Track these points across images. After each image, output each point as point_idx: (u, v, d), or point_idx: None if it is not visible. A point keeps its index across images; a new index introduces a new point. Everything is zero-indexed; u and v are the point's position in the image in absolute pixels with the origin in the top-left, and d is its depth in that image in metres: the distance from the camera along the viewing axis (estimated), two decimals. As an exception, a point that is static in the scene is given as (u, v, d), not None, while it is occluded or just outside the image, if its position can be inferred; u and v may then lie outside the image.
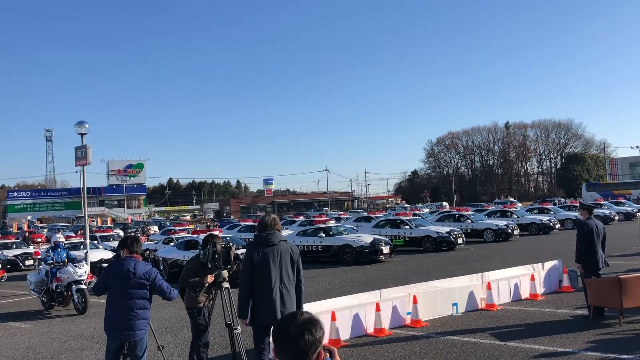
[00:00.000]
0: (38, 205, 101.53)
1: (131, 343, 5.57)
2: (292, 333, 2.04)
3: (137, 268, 5.63)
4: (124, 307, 5.55)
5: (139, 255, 5.80)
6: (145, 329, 5.67)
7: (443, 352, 7.48)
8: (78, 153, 17.30)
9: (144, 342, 5.68)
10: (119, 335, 5.57)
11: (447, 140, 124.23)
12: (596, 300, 8.81)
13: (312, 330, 2.04)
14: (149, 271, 5.68)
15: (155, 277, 5.66)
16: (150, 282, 5.60)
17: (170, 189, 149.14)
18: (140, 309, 5.58)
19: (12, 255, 24.31)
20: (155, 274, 5.70)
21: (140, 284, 5.57)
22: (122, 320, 5.55)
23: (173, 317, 11.07)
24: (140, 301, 5.60)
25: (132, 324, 5.54)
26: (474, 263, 17.70)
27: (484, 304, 10.30)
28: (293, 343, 2.02)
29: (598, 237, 9.17)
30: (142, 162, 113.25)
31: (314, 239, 20.80)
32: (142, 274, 5.61)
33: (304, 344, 2.02)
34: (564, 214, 33.82)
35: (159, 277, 5.70)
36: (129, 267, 5.61)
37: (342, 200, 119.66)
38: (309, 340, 2.03)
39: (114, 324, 5.59)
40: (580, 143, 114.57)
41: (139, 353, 5.61)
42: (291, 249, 5.66)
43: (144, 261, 5.76)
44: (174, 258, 17.23)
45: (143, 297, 5.60)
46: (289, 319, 2.10)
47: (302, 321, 2.07)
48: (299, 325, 2.05)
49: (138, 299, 5.58)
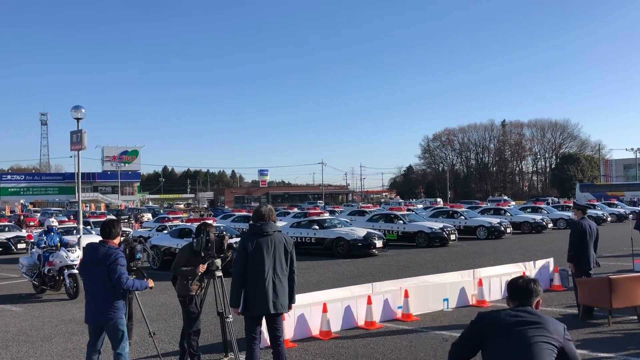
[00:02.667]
0: (31, 189, 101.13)
1: (105, 328, 5.60)
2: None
3: (100, 253, 5.56)
4: (91, 292, 5.60)
5: (112, 241, 5.70)
6: (116, 315, 5.54)
7: (433, 346, 7.53)
8: (73, 138, 17.23)
9: (117, 328, 5.57)
10: (91, 320, 5.62)
11: (443, 136, 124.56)
12: (586, 299, 8.87)
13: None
14: (107, 254, 5.54)
15: (113, 261, 5.49)
16: (107, 266, 5.49)
17: (164, 177, 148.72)
18: (106, 295, 5.50)
19: (4, 238, 24.22)
20: (114, 257, 5.51)
21: (102, 269, 5.49)
22: (92, 305, 5.58)
23: (164, 305, 11.09)
24: (105, 286, 5.49)
25: (100, 309, 5.53)
26: (466, 259, 17.77)
27: (475, 300, 10.36)
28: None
29: (591, 237, 9.23)
30: (137, 149, 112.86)
31: (308, 231, 20.83)
32: (103, 258, 5.52)
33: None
34: (557, 214, 33.99)
35: (117, 262, 5.50)
36: (96, 252, 5.60)
37: (336, 193, 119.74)
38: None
39: (87, 309, 5.63)
40: (576, 144, 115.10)
41: (114, 339, 5.59)
42: (285, 239, 5.66)
43: (117, 247, 5.66)
44: (167, 246, 17.20)
45: (108, 281, 5.49)
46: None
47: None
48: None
49: (103, 283, 5.49)
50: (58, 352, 7.77)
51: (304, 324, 8.07)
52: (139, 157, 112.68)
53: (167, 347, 7.73)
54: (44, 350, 7.86)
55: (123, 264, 5.55)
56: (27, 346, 8.14)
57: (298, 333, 7.97)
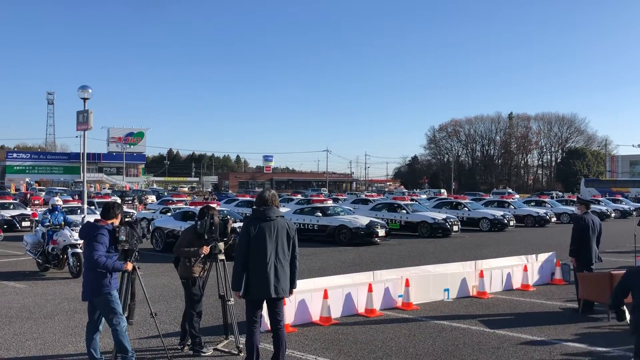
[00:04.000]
0: (37, 168, 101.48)
1: (95, 303, 5.81)
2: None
3: (85, 230, 5.90)
4: (85, 268, 5.85)
5: (106, 221, 5.93)
6: (103, 290, 5.68)
7: (432, 335, 7.57)
8: (80, 117, 17.27)
9: (105, 303, 5.72)
10: (83, 295, 5.86)
11: (449, 127, 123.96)
12: (587, 294, 8.89)
13: None
14: (89, 232, 5.79)
15: (91, 238, 5.69)
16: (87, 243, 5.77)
17: (169, 159, 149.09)
18: (92, 270, 5.71)
19: (9, 216, 24.34)
20: (93, 234, 5.70)
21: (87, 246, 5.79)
22: (84, 281, 5.85)
23: (166, 286, 11.16)
24: (89, 263, 5.74)
25: (88, 285, 5.77)
26: (468, 251, 17.80)
27: (476, 291, 10.38)
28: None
29: (594, 232, 9.23)
30: (143, 131, 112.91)
31: (311, 218, 20.88)
32: (86, 235, 5.82)
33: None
34: (561, 208, 33.94)
35: (94, 239, 5.66)
36: (83, 230, 5.99)
37: (340, 181, 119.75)
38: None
39: (83, 285, 5.88)
40: (582, 138, 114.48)
41: (104, 314, 5.77)
42: (288, 225, 5.68)
43: (104, 226, 5.82)
44: (170, 228, 17.28)
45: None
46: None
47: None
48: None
49: (87, 260, 5.75)
50: (60, 329, 7.85)
51: (304, 310, 8.11)
52: (144, 139, 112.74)
53: (168, 328, 7.80)
54: (47, 327, 7.94)
55: (101, 241, 5.68)
56: (30, 323, 8.22)
57: (298, 318, 8.01)
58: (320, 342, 7.19)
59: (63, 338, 7.39)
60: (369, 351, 6.82)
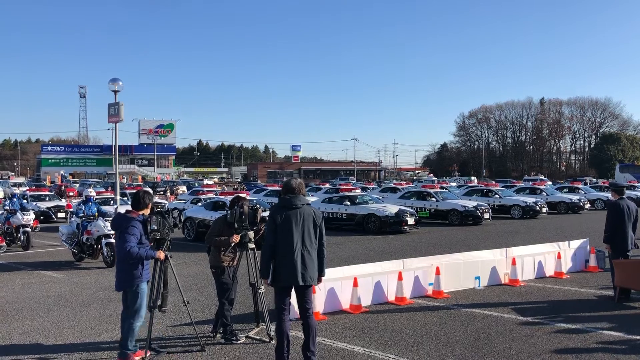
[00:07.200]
0: (71, 160, 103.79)
1: (125, 293, 5.94)
2: None
3: (117, 221, 5.95)
4: (118, 259, 5.95)
5: (137, 212, 6.00)
6: (133, 282, 5.82)
7: (464, 323, 7.51)
8: (111, 110, 17.54)
9: (134, 295, 5.85)
10: (116, 285, 5.99)
11: (479, 113, 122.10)
12: (623, 281, 8.69)
13: None
14: (120, 223, 5.86)
15: (123, 229, 5.76)
16: (119, 234, 5.84)
17: (199, 150, 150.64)
18: (123, 261, 5.82)
19: (45, 207, 24.97)
20: (125, 226, 5.78)
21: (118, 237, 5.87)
22: (116, 271, 5.96)
23: (199, 275, 11.30)
24: (121, 254, 5.83)
25: (120, 275, 5.90)
26: (499, 238, 17.58)
27: (507, 279, 10.26)
28: None
29: (629, 218, 9.01)
30: (173, 123, 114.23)
31: (339, 207, 20.87)
32: (118, 226, 5.89)
33: None
34: (595, 194, 33.21)
35: (127, 230, 5.73)
36: (114, 221, 6.02)
37: (369, 170, 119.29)
38: None
39: (116, 275, 6.00)
40: (617, 123, 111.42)
41: (130, 304, 5.89)
42: (314, 212, 5.67)
43: (135, 217, 5.90)
44: (201, 218, 17.49)
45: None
46: None
47: None
48: None
49: (119, 251, 5.84)
50: (96, 317, 8.03)
51: (334, 298, 8.13)
52: (174, 130, 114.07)
53: (200, 316, 7.91)
54: (83, 316, 8.13)
55: (132, 233, 5.77)
56: (67, 311, 8.43)
57: (328, 306, 8.04)
58: (351, 330, 7.20)
59: (99, 326, 7.56)
60: (400, 339, 6.80)
